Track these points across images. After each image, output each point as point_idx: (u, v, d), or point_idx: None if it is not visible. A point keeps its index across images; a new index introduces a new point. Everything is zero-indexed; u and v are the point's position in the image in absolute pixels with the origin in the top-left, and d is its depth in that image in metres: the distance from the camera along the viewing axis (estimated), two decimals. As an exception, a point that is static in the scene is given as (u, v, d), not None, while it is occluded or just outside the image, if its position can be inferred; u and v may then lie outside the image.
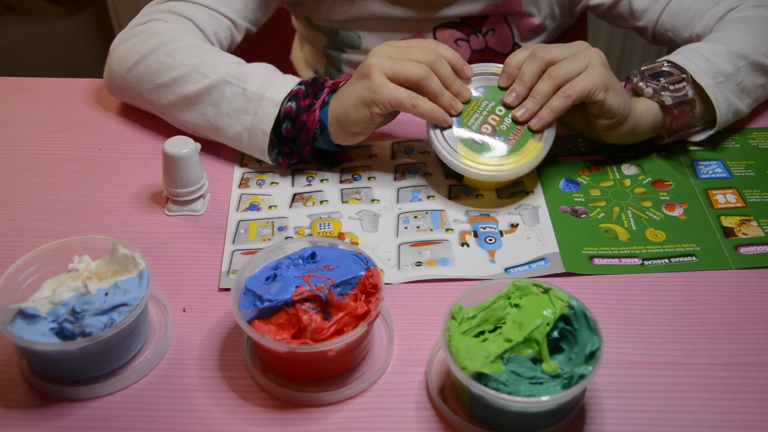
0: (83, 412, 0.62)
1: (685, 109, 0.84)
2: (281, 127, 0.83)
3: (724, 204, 0.82)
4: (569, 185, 0.84)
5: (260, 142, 0.83)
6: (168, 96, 0.87)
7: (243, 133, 0.84)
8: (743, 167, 0.87)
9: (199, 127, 0.87)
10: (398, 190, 0.85)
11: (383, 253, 0.76)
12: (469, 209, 0.81)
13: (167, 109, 0.89)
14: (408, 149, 0.91)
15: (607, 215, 0.81)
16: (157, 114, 0.91)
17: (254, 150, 0.85)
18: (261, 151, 0.84)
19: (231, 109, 0.84)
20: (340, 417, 0.62)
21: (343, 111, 0.81)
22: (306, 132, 0.83)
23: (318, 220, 0.81)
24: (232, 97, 0.84)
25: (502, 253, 0.76)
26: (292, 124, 0.82)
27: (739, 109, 0.88)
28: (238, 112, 0.83)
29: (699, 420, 0.61)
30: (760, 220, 0.80)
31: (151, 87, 0.88)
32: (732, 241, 0.77)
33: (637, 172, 0.86)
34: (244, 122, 0.83)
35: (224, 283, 0.73)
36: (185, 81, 0.86)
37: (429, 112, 0.79)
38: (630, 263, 0.75)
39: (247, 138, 0.84)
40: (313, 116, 0.82)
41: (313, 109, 0.82)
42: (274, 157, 0.86)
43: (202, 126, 0.87)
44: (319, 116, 0.82)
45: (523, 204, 0.82)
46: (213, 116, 0.85)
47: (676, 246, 0.77)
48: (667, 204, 0.82)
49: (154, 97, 0.89)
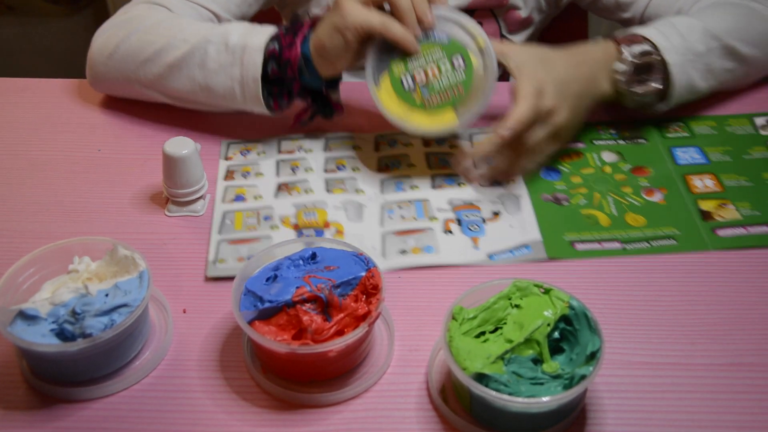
0: (83, 413, 0.62)
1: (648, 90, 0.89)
2: (267, 69, 0.85)
3: (702, 188, 0.84)
4: (550, 174, 0.86)
5: (253, 91, 0.85)
6: (153, 69, 0.89)
7: (234, 86, 0.86)
8: (720, 153, 0.90)
9: (190, 92, 0.89)
10: (382, 180, 0.86)
11: (368, 241, 0.78)
12: (453, 198, 0.83)
13: (155, 82, 0.90)
14: (391, 141, 0.92)
15: (588, 202, 0.83)
16: (145, 93, 0.93)
17: (249, 101, 0.86)
18: (256, 99, 0.86)
19: (217, 66, 0.86)
20: (341, 418, 0.62)
21: (320, 41, 0.82)
22: (291, 68, 0.84)
23: (303, 209, 0.81)
24: (216, 55, 0.85)
25: (485, 240, 0.78)
26: (276, 63, 0.85)
27: (699, 89, 0.90)
28: (224, 66, 0.85)
29: (699, 420, 0.61)
30: (737, 203, 0.82)
31: (135, 66, 0.90)
32: (710, 224, 0.80)
33: (617, 159, 0.89)
34: (233, 75, 0.85)
35: (211, 272, 0.74)
36: (167, 50, 0.87)
37: (399, 35, 0.80)
38: (611, 247, 0.77)
39: (240, 90, 0.86)
40: (295, 51, 0.84)
41: (295, 44, 0.84)
42: (268, 103, 0.87)
43: (193, 90, 0.88)
44: (302, 50, 0.84)
45: (504, 193, 0.83)
46: (201, 77, 0.87)
47: (656, 230, 0.79)
48: (646, 190, 0.84)
49: (140, 75, 0.90)
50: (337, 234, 0.78)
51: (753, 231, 0.79)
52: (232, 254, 0.76)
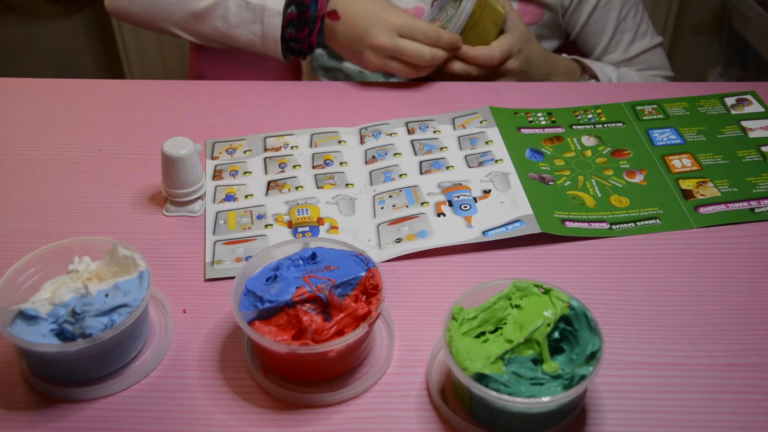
0: (83, 414, 0.62)
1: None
2: (285, 33, 0.98)
3: (680, 168, 0.87)
4: (534, 155, 0.89)
5: (273, 48, 1.00)
6: (178, 14, 1.01)
7: (255, 40, 0.99)
8: (695, 133, 0.93)
9: (213, 37, 1.02)
10: (370, 172, 0.86)
11: (363, 235, 0.78)
12: (442, 181, 0.84)
13: (179, 23, 1.02)
14: (375, 133, 0.93)
15: (573, 183, 0.85)
16: (166, 29, 1.03)
17: (269, 52, 1.00)
18: (275, 53, 1.00)
19: (239, 21, 0.98)
20: (341, 418, 0.62)
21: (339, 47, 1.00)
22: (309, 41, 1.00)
23: (296, 206, 0.82)
24: (237, 10, 0.98)
25: (478, 218, 0.79)
26: (293, 30, 0.98)
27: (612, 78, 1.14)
28: (245, 22, 0.98)
29: (700, 421, 0.61)
30: (716, 181, 0.85)
31: (160, 7, 1.01)
32: (691, 202, 0.83)
33: (596, 143, 0.91)
34: (254, 30, 0.98)
35: (210, 274, 0.74)
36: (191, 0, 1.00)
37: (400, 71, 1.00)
38: (599, 227, 0.79)
39: (261, 43, 0.99)
40: (312, 39, 0.99)
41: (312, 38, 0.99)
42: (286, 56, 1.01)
43: (216, 36, 1.01)
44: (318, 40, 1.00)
45: (493, 171, 0.85)
46: (224, 28, 0.99)
47: (640, 210, 0.82)
48: (627, 171, 0.87)
49: (164, 15, 1.02)
50: (332, 230, 0.78)
51: (733, 207, 0.82)
52: (230, 255, 0.76)
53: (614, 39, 1.20)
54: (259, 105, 0.99)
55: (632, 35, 1.20)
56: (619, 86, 1.06)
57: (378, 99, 1.01)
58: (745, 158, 0.89)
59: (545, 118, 0.96)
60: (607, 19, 1.18)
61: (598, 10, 1.18)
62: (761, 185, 0.85)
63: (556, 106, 0.99)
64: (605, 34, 1.19)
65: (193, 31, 1.02)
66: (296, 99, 1.00)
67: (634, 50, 1.20)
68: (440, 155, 0.89)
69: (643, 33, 1.21)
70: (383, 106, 0.99)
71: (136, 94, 1.01)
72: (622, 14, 1.19)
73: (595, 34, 1.20)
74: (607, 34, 1.19)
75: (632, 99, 0.99)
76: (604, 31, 1.19)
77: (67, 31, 2.12)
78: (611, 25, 1.18)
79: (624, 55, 1.20)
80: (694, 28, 2.11)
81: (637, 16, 1.20)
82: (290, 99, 1.00)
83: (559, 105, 0.99)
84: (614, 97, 1.00)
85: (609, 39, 1.20)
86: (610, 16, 1.18)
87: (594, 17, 1.18)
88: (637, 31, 1.20)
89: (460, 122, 0.95)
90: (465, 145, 0.90)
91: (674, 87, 1.03)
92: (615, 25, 1.19)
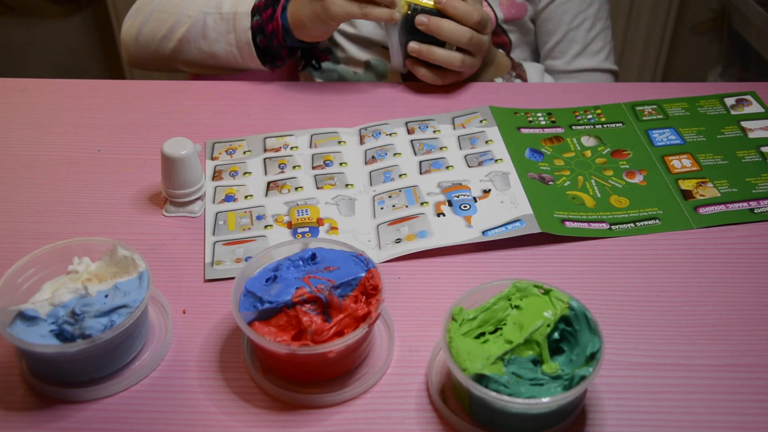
0: (83, 414, 0.62)
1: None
2: (256, 40, 0.97)
3: (680, 168, 0.87)
4: (534, 155, 0.89)
5: (248, 53, 0.98)
6: (169, 45, 1.01)
7: (233, 50, 0.98)
8: (695, 133, 0.93)
9: (203, 62, 1.02)
10: (370, 173, 0.86)
11: (363, 235, 0.78)
12: (442, 181, 0.84)
13: (174, 56, 1.02)
14: (375, 133, 0.93)
15: (572, 183, 0.85)
16: (171, 66, 1.05)
17: (248, 61, 0.99)
18: (253, 59, 0.98)
19: (216, 34, 0.98)
20: (341, 418, 0.62)
21: (301, 23, 0.94)
22: (276, 38, 0.96)
23: (295, 207, 0.82)
24: (214, 24, 0.98)
25: (477, 218, 0.79)
26: (262, 36, 0.96)
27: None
28: (222, 34, 0.98)
29: (700, 421, 0.61)
30: (715, 181, 0.85)
31: (156, 44, 1.02)
32: (691, 202, 0.82)
33: (596, 143, 0.91)
34: (229, 41, 0.98)
35: (209, 275, 0.74)
36: (177, 27, 1.00)
37: (379, 15, 0.91)
38: (599, 227, 0.79)
39: (239, 52, 0.98)
40: (276, 23, 0.95)
41: (275, 16, 0.95)
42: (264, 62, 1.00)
43: (204, 59, 1.01)
44: (282, 23, 0.95)
45: (493, 171, 0.85)
46: (207, 47, 1.00)
47: (640, 211, 0.81)
48: (627, 172, 0.87)
49: (161, 51, 1.03)
50: (332, 230, 0.78)
51: (732, 207, 0.81)
52: (229, 256, 0.76)
53: (560, 45, 1.16)
54: (259, 105, 0.99)
55: (580, 48, 1.16)
56: (619, 86, 1.06)
57: (378, 99, 1.01)
58: (744, 159, 0.89)
59: (545, 118, 0.96)
60: (560, 22, 1.15)
61: (551, 8, 1.14)
62: (761, 185, 0.85)
63: (556, 106, 0.99)
64: (553, 36, 1.16)
65: (184, 59, 1.02)
66: (296, 99, 1.00)
67: (578, 64, 1.16)
68: (440, 155, 0.89)
69: (594, 51, 1.16)
70: (383, 106, 0.99)
71: (136, 94, 1.01)
72: (575, 22, 1.15)
73: (545, 32, 1.16)
74: (554, 36, 1.16)
75: (632, 99, 1.00)
76: (552, 32, 1.16)
77: (67, 31, 2.12)
78: (561, 29, 1.15)
79: (567, 65, 1.16)
80: (694, 28, 2.11)
81: (593, 32, 1.16)
82: (290, 99, 1.00)
83: (559, 105, 0.99)
84: (614, 98, 1.00)
85: (555, 43, 1.16)
86: (562, 19, 1.15)
87: (546, 14, 1.15)
88: (588, 46, 1.16)
89: (459, 122, 0.95)
90: (465, 145, 0.90)
91: (674, 87, 1.03)
92: (565, 31, 1.15)
